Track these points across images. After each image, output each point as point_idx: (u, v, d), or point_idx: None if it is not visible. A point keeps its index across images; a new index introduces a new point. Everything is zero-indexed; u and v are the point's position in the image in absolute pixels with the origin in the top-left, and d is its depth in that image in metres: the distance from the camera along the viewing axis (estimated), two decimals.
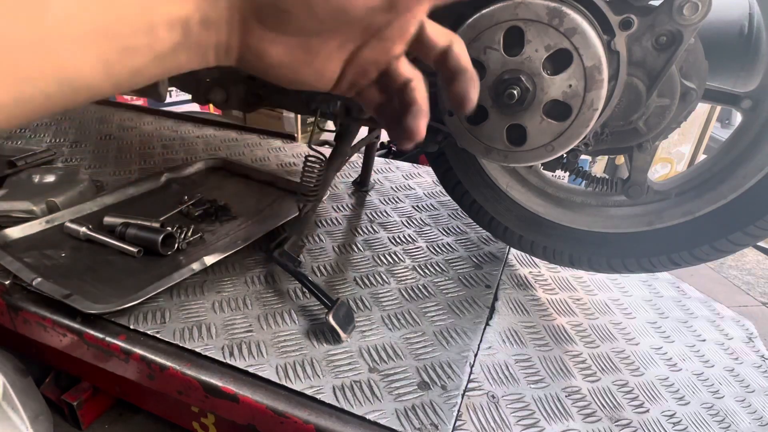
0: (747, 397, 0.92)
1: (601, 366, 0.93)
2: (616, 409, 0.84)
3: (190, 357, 0.84)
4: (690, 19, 0.62)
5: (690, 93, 0.71)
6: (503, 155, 0.70)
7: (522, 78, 0.63)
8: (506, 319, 0.99)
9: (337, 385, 0.80)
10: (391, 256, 1.14)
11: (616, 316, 1.07)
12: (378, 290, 1.03)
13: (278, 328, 0.91)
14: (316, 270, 1.08)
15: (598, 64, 0.60)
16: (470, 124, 0.70)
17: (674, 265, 0.91)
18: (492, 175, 1.00)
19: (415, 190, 1.48)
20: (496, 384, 0.84)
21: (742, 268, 2.57)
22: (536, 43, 0.62)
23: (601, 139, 0.75)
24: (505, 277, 1.12)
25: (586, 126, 0.64)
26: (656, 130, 0.74)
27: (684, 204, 0.87)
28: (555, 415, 0.81)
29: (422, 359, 0.86)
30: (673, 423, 0.83)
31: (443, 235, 1.25)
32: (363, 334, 0.91)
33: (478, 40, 0.64)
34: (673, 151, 3.18)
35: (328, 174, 1.07)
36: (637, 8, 0.64)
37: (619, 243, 0.94)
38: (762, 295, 2.32)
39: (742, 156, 0.82)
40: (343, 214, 1.32)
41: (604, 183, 0.84)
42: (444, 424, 0.75)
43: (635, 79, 0.69)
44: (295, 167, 1.56)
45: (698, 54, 0.70)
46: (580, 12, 0.61)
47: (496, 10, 0.62)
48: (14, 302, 0.94)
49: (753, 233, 0.81)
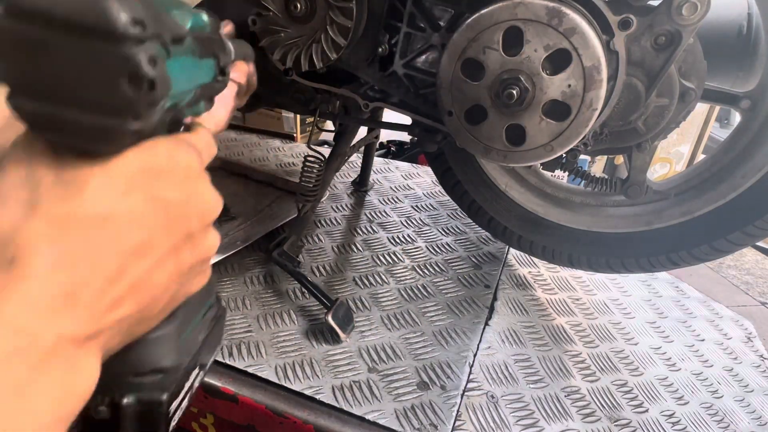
0: (746, 397, 0.92)
1: (600, 366, 0.93)
2: (616, 409, 0.84)
3: None
4: (689, 19, 0.62)
5: (689, 93, 0.71)
6: (502, 155, 0.70)
7: (521, 78, 0.63)
8: (505, 319, 0.99)
9: (336, 385, 0.80)
10: (391, 256, 1.14)
11: (615, 316, 1.07)
12: (377, 290, 1.03)
13: (277, 328, 0.91)
14: (315, 270, 1.08)
15: (597, 64, 0.60)
16: (469, 124, 0.70)
17: (673, 265, 0.91)
18: (491, 175, 0.99)
19: (415, 190, 1.48)
20: (495, 384, 0.84)
21: (741, 267, 2.57)
22: (535, 43, 0.62)
23: (600, 139, 0.75)
24: (504, 277, 1.12)
25: (585, 126, 0.64)
26: (655, 130, 0.74)
27: (683, 204, 0.87)
28: (554, 415, 0.81)
29: (421, 359, 0.86)
30: (673, 423, 0.83)
31: (442, 235, 1.25)
32: (362, 334, 0.91)
33: (477, 40, 0.64)
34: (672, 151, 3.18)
35: (328, 174, 1.07)
36: (636, 8, 0.64)
37: (618, 243, 0.94)
38: (761, 295, 2.32)
39: (741, 156, 0.82)
40: (343, 214, 1.32)
41: (603, 183, 0.84)
42: (443, 424, 0.75)
43: (634, 79, 0.69)
44: (294, 167, 1.56)
45: (697, 54, 0.70)
46: (580, 12, 0.61)
47: (495, 10, 0.62)
48: None
49: (752, 233, 0.81)
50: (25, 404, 0.23)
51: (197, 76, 0.34)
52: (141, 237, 0.28)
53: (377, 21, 0.77)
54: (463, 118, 0.69)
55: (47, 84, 0.25)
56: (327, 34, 0.75)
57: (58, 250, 0.25)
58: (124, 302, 0.28)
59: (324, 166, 1.03)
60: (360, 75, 0.83)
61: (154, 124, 0.28)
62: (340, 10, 0.73)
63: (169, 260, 0.30)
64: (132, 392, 0.33)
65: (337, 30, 0.75)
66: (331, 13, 0.74)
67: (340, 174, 1.54)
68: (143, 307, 0.29)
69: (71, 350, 0.25)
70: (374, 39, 0.79)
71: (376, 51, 0.79)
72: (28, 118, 0.26)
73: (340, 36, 0.75)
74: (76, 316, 0.25)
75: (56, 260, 0.25)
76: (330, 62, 0.77)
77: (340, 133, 1.12)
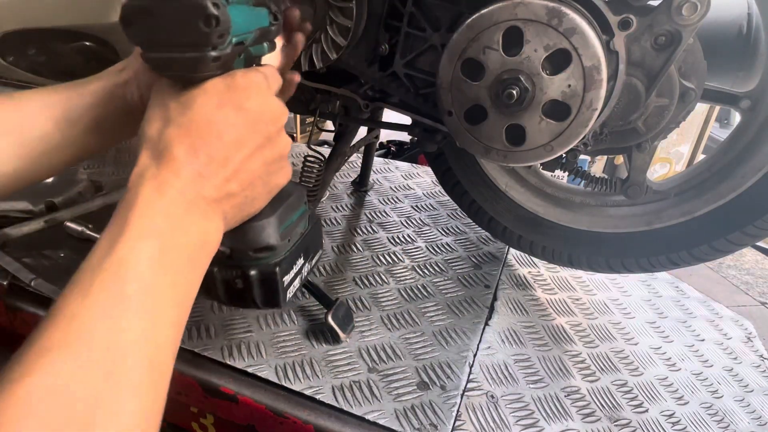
0: (746, 397, 0.92)
1: (600, 366, 0.93)
2: (616, 409, 0.84)
3: (189, 357, 0.84)
4: (689, 19, 0.62)
5: (689, 93, 0.71)
6: (502, 155, 0.70)
7: (521, 78, 0.63)
8: (505, 319, 0.99)
9: (336, 385, 0.80)
10: (391, 256, 1.14)
11: (615, 316, 1.07)
12: (377, 290, 1.03)
13: (277, 328, 0.91)
14: (315, 270, 1.08)
15: (597, 64, 0.60)
16: (469, 124, 0.70)
17: (673, 265, 0.91)
18: (491, 175, 0.99)
19: (415, 190, 1.48)
20: (495, 384, 0.84)
21: (741, 267, 2.57)
22: (535, 43, 0.61)
23: (600, 139, 0.75)
24: (504, 277, 1.12)
25: (585, 126, 0.64)
26: (655, 130, 0.74)
27: (683, 204, 0.87)
28: (554, 415, 0.81)
29: (421, 359, 0.86)
30: (672, 423, 0.83)
31: (442, 235, 1.25)
32: (362, 334, 0.91)
33: (477, 40, 0.64)
34: (672, 151, 3.19)
35: (327, 174, 1.07)
36: (636, 8, 0.64)
37: (618, 243, 0.94)
38: (761, 295, 2.32)
39: (740, 156, 0.82)
40: (342, 214, 1.32)
41: (603, 183, 0.84)
42: (443, 424, 0.75)
43: (634, 79, 0.69)
44: (294, 167, 1.55)
45: (697, 54, 0.70)
46: (579, 12, 0.61)
47: (495, 10, 0.62)
48: (13, 303, 0.94)
49: (752, 233, 0.81)
50: (183, 235, 0.38)
51: (254, 21, 0.46)
52: (236, 134, 0.42)
53: (377, 21, 0.77)
54: (463, 118, 0.69)
55: (157, 38, 0.39)
56: (327, 34, 0.75)
57: (186, 144, 0.40)
58: (232, 180, 0.42)
59: (324, 166, 1.03)
60: (360, 75, 0.83)
61: (227, 54, 0.41)
62: (340, 10, 0.73)
63: (258, 154, 0.44)
64: (254, 265, 0.50)
65: (337, 30, 0.75)
66: (331, 13, 0.74)
67: (340, 174, 1.54)
68: (246, 187, 0.43)
69: (204, 205, 0.40)
70: (374, 39, 0.78)
71: (376, 51, 0.79)
72: (152, 64, 0.41)
73: (340, 36, 0.75)
74: (205, 184, 0.40)
75: (186, 150, 0.40)
76: (330, 62, 0.77)
77: (340, 133, 1.11)
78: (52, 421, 0.28)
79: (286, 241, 0.53)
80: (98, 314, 0.32)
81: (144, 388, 0.33)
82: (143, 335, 0.34)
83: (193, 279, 0.40)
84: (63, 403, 0.29)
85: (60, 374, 0.29)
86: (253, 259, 0.50)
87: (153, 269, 0.35)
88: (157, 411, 0.34)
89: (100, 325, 0.32)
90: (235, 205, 0.43)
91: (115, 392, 0.31)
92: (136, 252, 0.35)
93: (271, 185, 0.47)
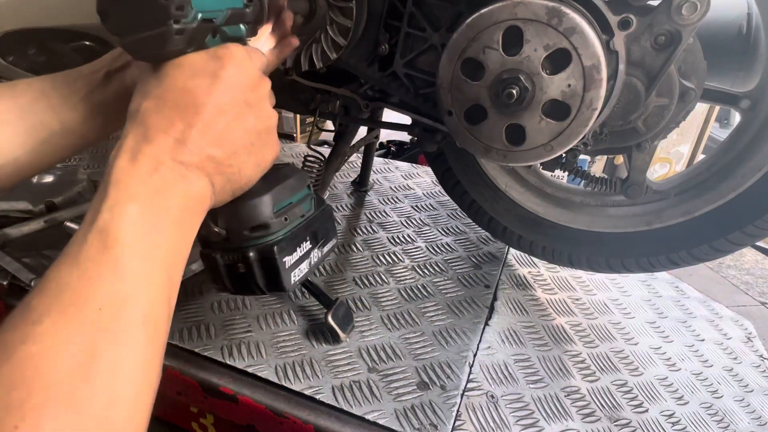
0: (746, 397, 0.92)
1: (600, 366, 0.93)
2: (615, 409, 0.84)
3: (189, 357, 0.84)
4: (689, 19, 0.62)
5: (689, 93, 0.71)
6: (502, 155, 0.70)
7: (521, 77, 0.63)
8: (505, 319, 0.99)
9: (336, 385, 0.80)
10: (390, 256, 1.14)
11: (615, 315, 1.07)
12: (377, 290, 1.03)
13: (277, 328, 0.91)
14: (315, 270, 1.08)
15: (596, 64, 0.60)
16: (469, 124, 0.69)
17: (673, 265, 0.91)
18: (491, 175, 0.99)
19: (414, 190, 1.48)
20: (495, 384, 0.84)
21: (741, 267, 2.57)
22: (535, 43, 0.61)
23: (600, 139, 0.75)
24: (504, 277, 1.12)
25: (585, 125, 0.64)
26: (655, 129, 0.74)
27: (683, 204, 0.87)
28: (554, 414, 0.81)
29: (421, 359, 0.86)
30: (672, 423, 0.83)
31: (442, 235, 1.25)
32: (362, 334, 0.91)
33: (477, 39, 0.64)
34: (671, 151, 3.18)
35: (327, 174, 1.07)
36: (635, 8, 0.64)
37: (618, 243, 0.94)
38: (761, 295, 2.32)
39: (740, 156, 0.82)
40: (342, 214, 1.32)
41: (603, 183, 0.84)
42: (443, 424, 0.75)
43: (634, 78, 0.69)
44: None
45: (697, 54, 0.70)
46: (579, 12, 0.61)
47: (494, 9, 0.62)
48: (13, 303, 0.94)
49: (752, 233, 0.81)
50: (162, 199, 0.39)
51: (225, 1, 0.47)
52: (213, 101, 0.43)
53: (377, 21, 0.77)
54: (463, 118, 0.69)
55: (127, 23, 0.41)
56: (327, 34, 0.75)
57: (162, 114, 0.42)
58: (213, 146, 0.43)
59: (324, 166, 1.03)
60: (360, 75, 0.83)
61: (192, 28, 0.43)
62: (340, 10, 0.73)
63: (239, 121, 0.45)
64: (251, 246, 0.51)
65: (337, 30, 0.75)
66: (331, 13, 0.74)
67: (340, 174, 1.54)
68: (230, 155, 0.44)
69: (182, 170, 0.41)
70: (374, 39, 0.78)
71: (376, 51, 0.79)
72: (128, 50, 0.44)
73: (340, 36, 0.75)
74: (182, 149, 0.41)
75: (161, 119, 0.41)
76: (330, 62, 0.77)
77: (340, 133, 1.11)
78: (54, 376, 0.29)
79: (281, 219, 0.53)
80: (87, 279, 0.34)
81: (141, 343, 0.35)
82: (133, 294, 0.35)
83: (180, 240, 0.41)
84: (63, 360, 0.30)
85: (57, 335, 0.31)
86: (250, 239, 0.51)
87: (136, 233, 0.37)
88: (156, 365, 0.36)
89: (90, 290, 0.34)
90: (222, 172, 0.44)
91: (112, 345, 0.33)
92: (117, 218, 0.36)
93: (259, 157, 0.47)
